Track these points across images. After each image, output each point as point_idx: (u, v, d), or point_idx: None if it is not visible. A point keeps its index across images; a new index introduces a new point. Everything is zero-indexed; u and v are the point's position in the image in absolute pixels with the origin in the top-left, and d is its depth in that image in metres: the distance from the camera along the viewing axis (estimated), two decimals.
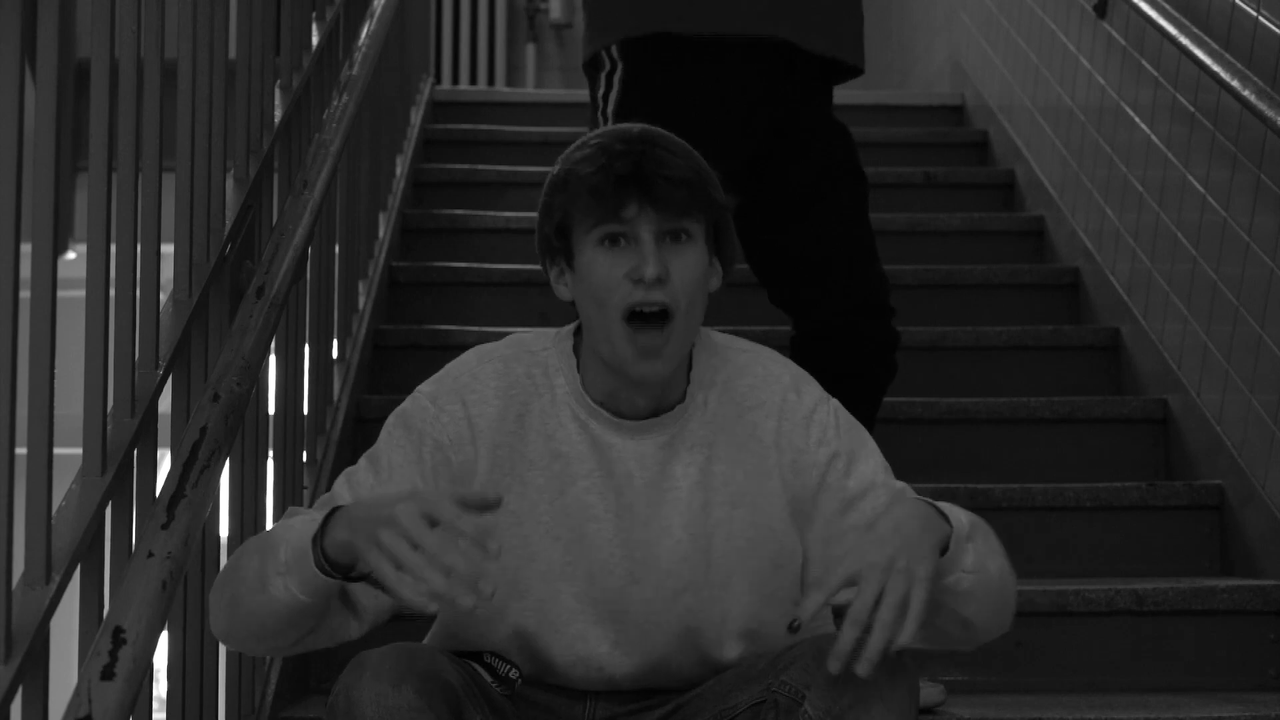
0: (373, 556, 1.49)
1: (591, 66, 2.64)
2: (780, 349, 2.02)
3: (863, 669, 1.51)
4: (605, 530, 1.77)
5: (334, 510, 1.60)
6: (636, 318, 1.71)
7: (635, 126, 1.79)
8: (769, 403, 1.81)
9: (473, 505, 1.52)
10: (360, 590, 1.67)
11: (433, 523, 1.49)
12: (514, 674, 1.77)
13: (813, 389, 1.85)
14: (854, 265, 2.61)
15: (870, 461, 1.84)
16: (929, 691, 2.51)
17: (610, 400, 1.79)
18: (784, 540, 1.79)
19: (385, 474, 1.77)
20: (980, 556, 1.64)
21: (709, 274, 1.76)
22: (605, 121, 2.57)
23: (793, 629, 1.56)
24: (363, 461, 1.80)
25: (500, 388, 1.79)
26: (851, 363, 2.58)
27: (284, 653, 1.81)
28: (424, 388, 1.83)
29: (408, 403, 1.82)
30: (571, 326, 1.85)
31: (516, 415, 1.79)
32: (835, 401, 1.86)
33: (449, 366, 1.84)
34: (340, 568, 1.58)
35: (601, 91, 2.61)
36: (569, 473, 1.78)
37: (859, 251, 2.62)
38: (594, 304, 1.73)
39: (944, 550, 1.59)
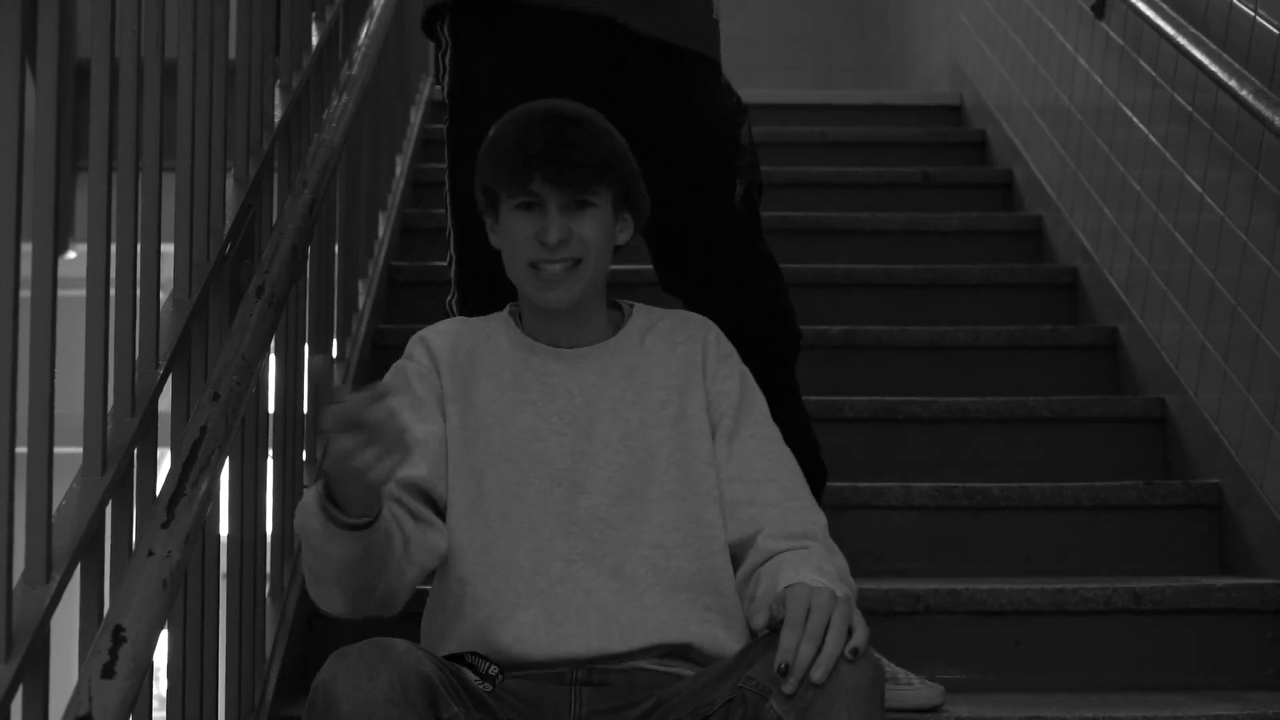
0: (332, 465, 1.67)
1: (427, 29, 2.54)
2: None
3: (819, 674, 1.64)
4: (551, 448, 1.99)
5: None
6: (539, 263, 1.98)
7: (556, 104, 2.03)
8: (697, 336, 2.09)
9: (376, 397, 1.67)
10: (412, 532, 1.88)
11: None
12: (494, 670, 1.80)
13: (727, 342, 2.13)
14: (724, 260, 2.54)
15: (755, 411, 2.07)
16: (928, 692, 2.51)
17: (546, 335, 2.06)
18: (708, 442, 2.02)
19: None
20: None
21: (614, 229, 2.03)
22: (448, 101, 2.50)
23: (781, 671, 1.67)
24: None
25: (452, 334, 2.09)
26: (750, 343, 2.44)
27: (402, 597, 1.91)
28: (400, 357, 2.09)
29: (391, 370, 2.08)
30: (509, 305, 2.14)
31: (467, 353, 2.06)
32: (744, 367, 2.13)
33: None
34: (355, 514, 1.73)
35: (438, 74, 2.53)
36: (516, 401, 2.01)
37: (727, 245, 2.54)
38: (509, 253, 2.02)
39: None
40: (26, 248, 1.50)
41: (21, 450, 1.46)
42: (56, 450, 1.54)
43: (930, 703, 2.50)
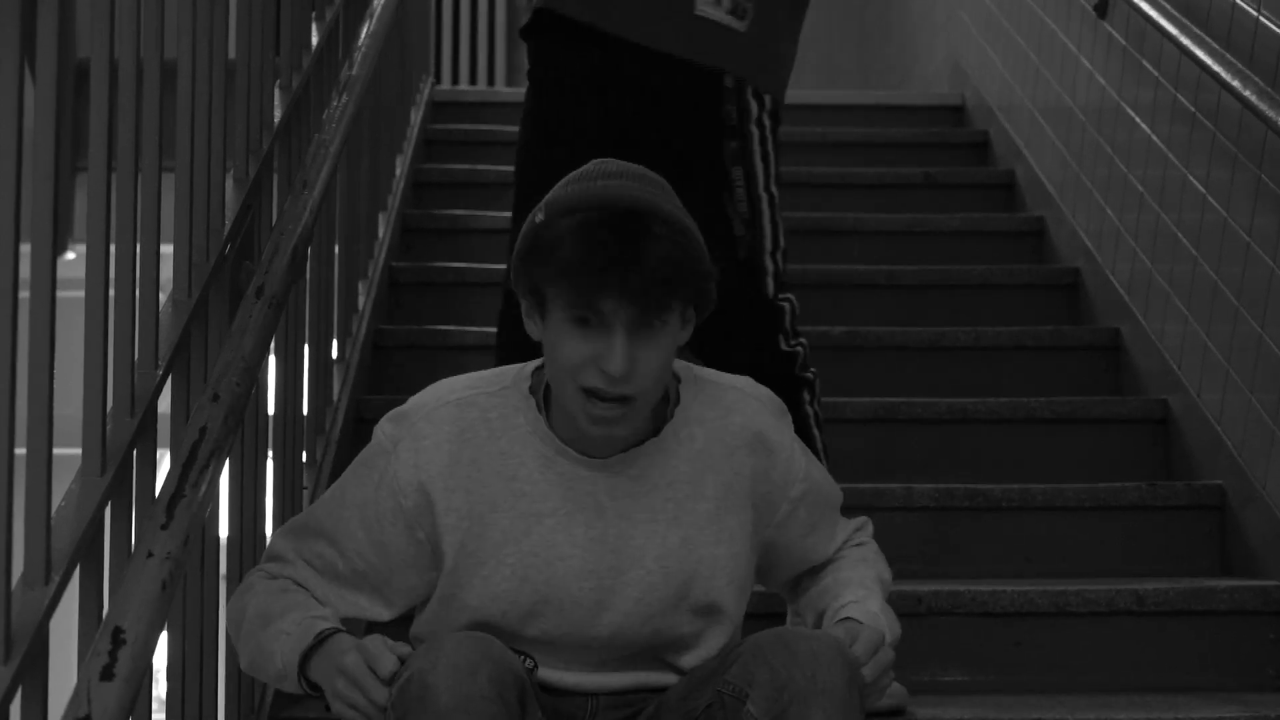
0: (335, 705, 1.70)
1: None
2: None
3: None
4: (574, 565, 1.78)
5: (320, 640, 1.74)
6: (594, 393, 1.69)
7: (625, 198, 1.69)
8: (753, 439, 1.84)
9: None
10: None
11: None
12: (530, 664, 1.79)
13: (788, 424, 1.90)
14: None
15: (831, 511, 1.96)
16: (891, 690, 2.47)
17: (578, 440, 1.78)
18: (751, 573, 1.88)
19: (348, 509, 1.84)
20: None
21: (679, 343, 1.75)
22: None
23: None
24: (334, 489, 1.87)
25: (453, 433, 1.79)
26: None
27: None
28: (386, 425, 1.83)
29: (375, 436, 1.84)
30: (533, 365, 1.84)
31: (471, 460, 1.78)
32: (799, 440, 1.91)
33: (413, 401, 1.85)
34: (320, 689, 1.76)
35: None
36: (534, 511, 1.78)
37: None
38: (556, 368, 1.72)
39: None
40: (25, 248, 1.49)
41: (20, 451, 1.45)
42: (55, 451, 1.54)
43: (895, 704, 2.46)
